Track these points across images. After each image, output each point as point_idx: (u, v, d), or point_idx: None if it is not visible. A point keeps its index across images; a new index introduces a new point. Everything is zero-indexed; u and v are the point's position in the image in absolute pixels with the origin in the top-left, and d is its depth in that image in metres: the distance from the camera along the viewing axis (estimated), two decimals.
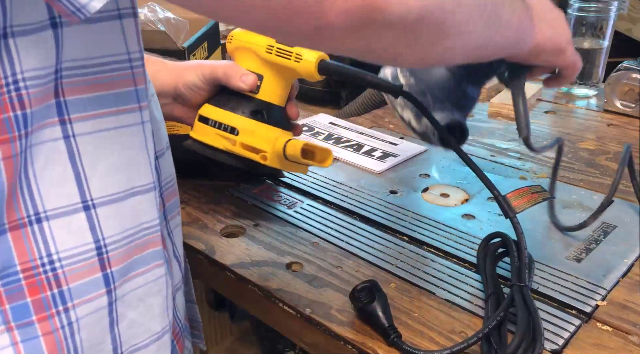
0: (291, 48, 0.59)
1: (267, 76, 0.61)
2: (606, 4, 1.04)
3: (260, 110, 0.61)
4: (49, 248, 0.39)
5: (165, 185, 0.50)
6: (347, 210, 0.72)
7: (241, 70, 0.62)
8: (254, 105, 0.61)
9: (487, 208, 0.72)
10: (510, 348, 0.48)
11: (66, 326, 0.40)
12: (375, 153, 0.86)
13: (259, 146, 0.60)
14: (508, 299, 0.52)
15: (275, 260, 0.63)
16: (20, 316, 0.38)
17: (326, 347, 0.54)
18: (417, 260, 0.63)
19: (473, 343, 0.48)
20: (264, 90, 0.61)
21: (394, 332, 0.51)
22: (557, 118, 1.01)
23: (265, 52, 0.60)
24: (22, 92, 0.36)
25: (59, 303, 0.39)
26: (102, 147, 0.40)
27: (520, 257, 0.56)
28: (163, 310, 0.47)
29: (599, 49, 1.07)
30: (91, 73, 0.39)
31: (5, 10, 0.34)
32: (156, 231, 0.45)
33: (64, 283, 0.39)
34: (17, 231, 0.38)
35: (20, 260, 0.38)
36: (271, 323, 0.60)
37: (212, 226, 0.69)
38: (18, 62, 0.35)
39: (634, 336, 0.52)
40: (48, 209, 0.39)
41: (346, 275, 0.60)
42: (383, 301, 0.53)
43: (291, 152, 0.58)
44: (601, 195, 0.74)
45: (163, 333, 0.47)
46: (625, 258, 0.62)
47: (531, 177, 0.79)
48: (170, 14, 0.97)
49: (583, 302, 0.56)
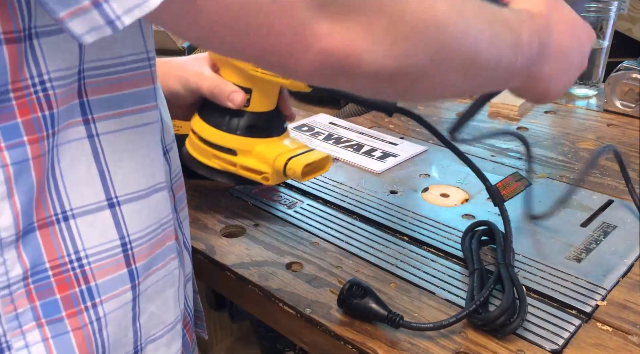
0: None
1: (255, 89, 0.60)
2: (606, 4, 1.04)
3: (254, 124, 0.60)
4: (76, 245, 0.39)
5: (174, 177, 0.51)
6: (347, 210, 0.72)
7: (227, 88, 0.60)
8: (247, 120, 0.60)
9: (487, 208, 0.72)
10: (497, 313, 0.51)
11: (94, 321, 0.40)
12: (375, 153, 0.86)
13: (259, 167, 0.60)
14: (495, 274, 0.56)
15: (275, 260, 0.63)
16: (50, 312, 0.39)
17: (326, 347, 0.54)
18: (417, 260, 0.63)
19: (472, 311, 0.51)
20: (254, 102, 0.60)
21: (397, 315, 0.51)
22: (557, 118, 1.02)
23: (252, 69, 0.58)
24: (50, 93, 0.36)
25: (87, 299, 0.40)
26: (124, 145, 0.41)
27: (506, 241, 0.60)
28: (175, 301, 0.48)
29: (599, 49, 1.07)
30: (113, 73, 0.40)
31: (30, 11, 0.34)
32: (171, 225, 0.46)
33: (92, 279, 0.40)
34: (45, 229, 0.38)
35: (49, 258, 0.39)
36: (271, 323, 0.60)
37: (212, 226, 0.69)
38: (43, 62, 0.36)
39: (633, 336, 0.52)
40: (74, 207, 0.39)
41: (346, 275, 0.60)
42: (372, 293, 0.54)
43: (291, 174, 0.58)
44: (601, 195, 0.74)
45: (176, 323, 0.48)
46: (625, 258, 0.62)
47: (531, 177, 0.79)
48: None
49: (583, 302, 0.56)
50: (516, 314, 0.51)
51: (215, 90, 0.61)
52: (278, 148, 0.60)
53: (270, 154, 0.59)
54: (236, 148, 0.60)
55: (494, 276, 0.56)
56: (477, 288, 0.56)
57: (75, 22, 0.30)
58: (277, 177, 0.60)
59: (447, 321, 0.51)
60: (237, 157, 0.60)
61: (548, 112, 1.04)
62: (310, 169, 0.59)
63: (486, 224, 0.65)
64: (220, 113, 0.60)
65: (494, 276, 0.56)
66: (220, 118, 0.60)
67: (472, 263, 0.59)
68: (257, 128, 0.60)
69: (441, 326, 0.51)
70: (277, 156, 0.59)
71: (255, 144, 0.60)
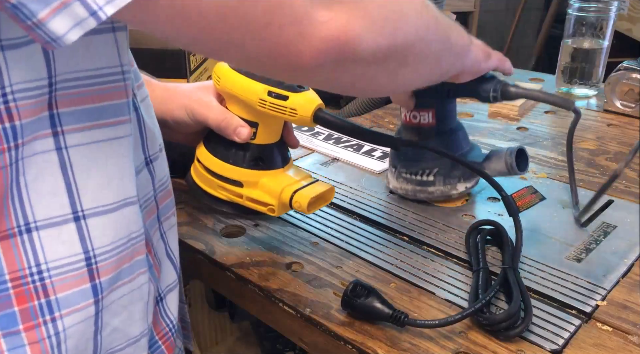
0: (284, 102, 0.57)
1: (262, 123, 0.60)
2: (606, 4, 1.04)
3: (260, 157, 0.60)
4: (38, 258, 0.39)
5: (159, 186, 0.50)
6: (347, 210, 0.72)
7: (234, 122, 0.60)
8: (253, 153, 0.61)
9: (487, 208, 0.72)
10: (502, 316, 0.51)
11: (53, 335, 0.40)
12: (375, 153, 0.86)
13: (266, 199, 0.60)
14: (501, 277, 0.56)
15: (275, 260, 0.63)
16: (7, 325, 0.38)
17: (326, 347, 0.54)
18: (417, 260, 0.63)
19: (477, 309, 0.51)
20: (260, 135, 0.60)
21: (401, 314, 0.51)
22: (557, 118, 1.02)
23: (258, 106, 0.58)
24: (11, 105, 0.36)
25: (46, 313, 0.39)
26: (94, 158, 0.41)
27: (517, 248, 0.60)
28: (143, 316, 0.47)
29: (599, 49, 1.07)
30: (86, 86, 0.39)
31: None
32: (141, 240, 0.45)
33: (52, 292, 0.39)
34: (6, 241, 0.38)
35: (9, 270, 0.38)
36: (271, 323, 0.60)
37: (212, 226, 0.69)
38: (7, 75, 0.35)
39: (634, 336, 0.52)
40: (38, 219, 0.39)
41: (346, 275, 0.60)
42: (376, 292, 0.54)
43: (297, 206, 0.59)
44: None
45: (141, 337, 0.47)
46: (625, 258, 0.62)
47: (531, 177, 0.79)
48: None
49: (583, 302, 0.56)
50: (520, 321, 0.51)
51: (222, 123, 0.61)
52: (284, 180, 0.60)
53: (276, 187, 0.60)
54: (243, 180, 0.60)
55: (499, 279, 0.56)
56: (481, 287, 0.55)
57: (57, 20, 0.30)
58: (283, 209, 0.61)
59: (453, 317, 0.51)
60: (243, 189, 0.60)
61: (548, 112, 1.04)
62: (315, 201, 0.60)
63: (492, 224, 0.64)
64: (227, 146, 0.61)
65: (500, 279, 0.56)
66: (226, 151, 0.61)
67: (477, 261, 0.59)
68: (263, 160, 0.60)
69: (447, 322, 0.51)
70: (283, 189, 0.59)
71: (261, 176, 0.60)
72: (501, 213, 0.70)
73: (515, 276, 0.56)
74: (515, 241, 0.61)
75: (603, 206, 0.72)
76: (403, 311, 0.52)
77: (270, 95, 0.57)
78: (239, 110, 0.60)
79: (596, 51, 1.07)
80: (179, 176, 0.81)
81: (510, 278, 0.56)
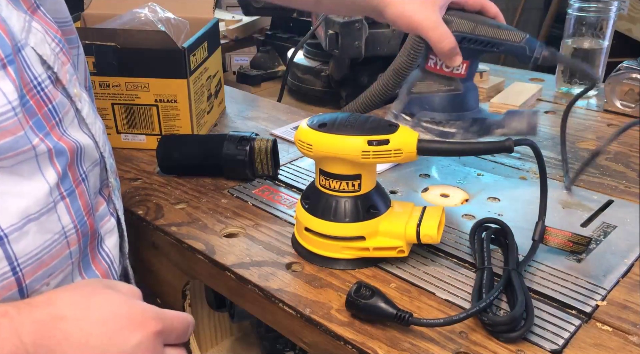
0: (387, 146, 0.56)
1: (364, 173, 0.59)
2: (606, 4, 1.04)
3: (371, 205, 0.60)
4: None
5: None
6: None
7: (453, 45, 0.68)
8: (365, 204, 0.60)
9: (487, 208, 0.72)
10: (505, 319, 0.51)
11: None
12: None
13: (392, 244, 0.60)
14: (505, 278, 0.56)
15: (275, 260, 0.63)
16: None
17: (326, 347, 0.54)
18: (417, 260, 0.63)
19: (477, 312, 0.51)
20: (365, 184, 0.60)
21: (406, 313, 0.51)
22: (557, 118, 1.01)
23: (362, 158, 0.57)
24: None
25: None
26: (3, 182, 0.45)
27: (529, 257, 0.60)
28: None
29: (599, 49, 1.07)
30: None
31: None
32: (70, 235, 0.50)
33: None
34: None
35: None
36: (271, 323, 0.60)
37: (212, 226, 0.69)
38: None
39: (634, 336, 0.52)
40: None
41: (346, 275, 0.60)
42: (379, 292, 0.54)
43: (428, 239, 0.59)
44: (601, 195, 0.74)
45: None
46: (625, 258, 0.62)
47: (531, 177, 0.79)
48: (170, 14, 0.97)
49: (583, 302, 0.56)
50: (522, 324, 0.51)
51: (444, 43, 0.67)
52: (400, 220, 0.60)
53: (397, 228, 0.60)
54: (364, 233, 0.60)
55: (503, 280, 0.56)
56: (486, 286, 0.55)
57: None
58: (410, 245, 0.62)
59: (458, 316, 0.50)
60: (366, 242, 0.60)
61: (548, 112, 1.04)
62: (439, 227, 0.60)
63: (498, 223, 0.64)
64: (336, 207, 0.60)
65: (504, 280, 0.56)
66: (338, 212, 0.60)
67: (482, 259, 0.59)
68: (374, 207, 0.60)
69: (451, 321, 0.51)
70: (405, 227, 0.59)
71: (378, 223, 0.60)
72: (501, 213, 0.70)
73: (520, 279, 0.56)
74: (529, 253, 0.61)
75: (603, 207, 0.72)
76: (407, 311, 0.52)
77: (372, 144, 0.56)
78: (338, 169, 0.59)
79: (596, 51, 1.07)
80: (181, 175, 0.81)
81: (515, 281, 0.55)
